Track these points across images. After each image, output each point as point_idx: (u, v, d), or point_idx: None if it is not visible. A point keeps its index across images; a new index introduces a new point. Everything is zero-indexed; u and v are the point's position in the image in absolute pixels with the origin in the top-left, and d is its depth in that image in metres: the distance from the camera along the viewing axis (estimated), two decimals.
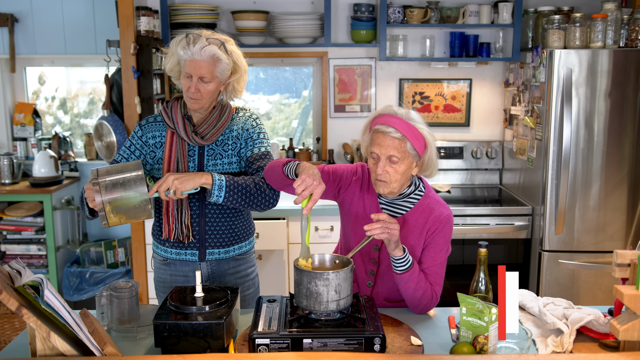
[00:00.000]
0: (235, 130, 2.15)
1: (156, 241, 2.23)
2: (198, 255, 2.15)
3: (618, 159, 3.20)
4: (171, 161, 2.08)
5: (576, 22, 3.16)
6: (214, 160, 2.12)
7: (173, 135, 2.10)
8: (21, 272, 1.60)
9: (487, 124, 4.00)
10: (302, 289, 1.69)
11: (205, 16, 3.65)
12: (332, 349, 1.61)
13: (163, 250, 2.20)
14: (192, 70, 1.99)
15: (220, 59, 1.99)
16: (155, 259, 2.27)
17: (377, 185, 1.92)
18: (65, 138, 4.13)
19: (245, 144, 2.14)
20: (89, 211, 1.98)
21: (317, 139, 4.02)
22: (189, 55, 1.98)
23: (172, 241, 2.15)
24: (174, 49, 2.04)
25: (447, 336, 1.80)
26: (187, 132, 2.07)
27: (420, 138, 1.86)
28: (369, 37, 3.73)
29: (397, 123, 1.84)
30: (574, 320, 1.75)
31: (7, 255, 3.84)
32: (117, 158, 2.15)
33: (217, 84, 2.04)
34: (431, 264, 1.95)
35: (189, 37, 2.00)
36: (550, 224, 3.23)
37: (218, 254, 2.16)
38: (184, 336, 1.62)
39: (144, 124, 2.16)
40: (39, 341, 1.49)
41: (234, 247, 2.19)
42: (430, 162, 1.92)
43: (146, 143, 2.13)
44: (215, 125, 2.10)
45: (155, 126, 2.15)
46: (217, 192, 1.97)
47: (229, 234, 2.16)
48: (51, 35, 3.97)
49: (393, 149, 1.85)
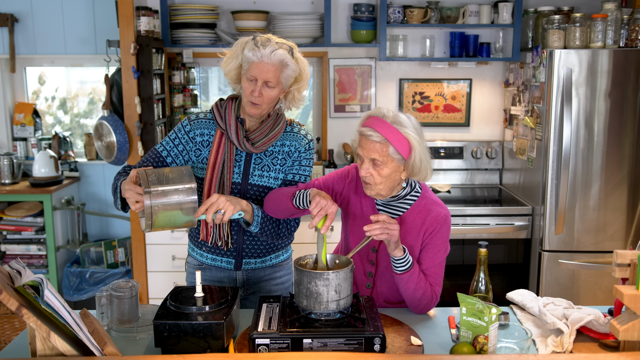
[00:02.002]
0: (287, 145, 2.08)
1: (192, 244, 2.18)
2: (234, 264, 2.10)
3: (618, 159, 3.20)
4: (217, 162, 2.00)
5: (576, 22, 3.16)
6: (260, 171, 2.05)
7: (222, 136, 2.02)
8: (21, 272, 1.60)
9: (487, 124, 4.00)
10: (302, 289, 1.69)
11: (205, 16, 3.65)
12: (332, 349, 1.61)
13: (199, 254, 2.15)
14: (259, 74, 1.90)
15: (288, 65, 1.92)
16: (190, 263, 2.21)
17: (365, 187, 1.93)
18: (65, 138, 4.13)
19: (292, 164, 2.08)
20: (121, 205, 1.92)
21: (317, 139, 4.02)
22: (258, 57, 1.89)
23: (209, 245, 2.09)
24: (238, 51, 1.95)
25: (447, 336, 1.80)
26: (239, 136, 1.99)
27: (404, 142, 1.84)
28: (369, 37, 3.72)
29: (380, 126, 1.83)
30: (574, 320, 1.75)
31: (7, 255, 3.84)
32: (159, 149, 2.04)
33: (279, 90, 1.96)
34: (430, 265, 1.95)
35: (256, 39, 1.91)
36: (550, 224, 3.23)
37: (254, 264, 2.12)
38: (184, 336, 1.62)
39: (194, 120, 2.06)
40: (39, 341, 1.49)
41: (270, 257, 2.15)
42: (419, 166, 1.88)
43: (193, 139, 2.04)
44: (267, 134, 2.02)
45: (205, 123, 2.06)
46: (256, 222, 1.95)
47: (267, 245, 2.11)
48: (51, 35, 3.97)
49: (374, 152, 1.85)
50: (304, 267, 1.78)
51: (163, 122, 3.62)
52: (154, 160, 2.03)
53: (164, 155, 2.04)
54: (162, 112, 3.62)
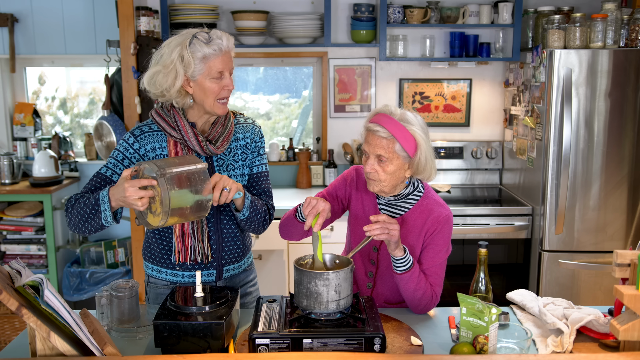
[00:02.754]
0: (242, 138, 2.01)
1: (158, 265, 2.02)
2: (215, 275, 2.01)
3: (618, 159, 3.20)
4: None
5: (576, 22, 3.16)
6: (226, 171, 1.97)
7: (176, 145, 1.90)
8: (21, 272, 1.60)
9: (487, 124, 4.00)
10: (302, 289, 1.69)
11: (205, 16, 3.65)
12: (332, 349, 1.61)
13: (171, 275, 2.00)
14: (225, 65, 1.82)
15: (234, 48, 1.89)
16: (157, 285, 2.03)
17: (368, 182, 1.94)
18: (65, 138, 4.13)
19: (253, 157, 2.03)
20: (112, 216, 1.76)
21: (317, 139, 4.02)
22: (218, 50, 1.80)
23: (187, 263, 1.97)
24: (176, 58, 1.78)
25: (447, 336, 1.80)
26: (201, 143, 1.88)
27: (410, 139, 1.85)
28: (369, 37, 3.72)
29: (387, 123, 1.85)
30: (574, 320, 1.75)
31: (7, 255, 3.84)
32: (105, 172, 1.89)
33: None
34: (431, 265, 1.95)
35: (201, 35, 1.80)
36: (550, 224, 3.23)
37: (233, 270, 2.06)
38: (184, 336, 1.62)
39: (139, 135, 1.91)
40: (39, 341, 1.49)
41: (244, 260, 2.11)
42: (424, 164, 1.90)
43: (145, 156, 1.91)
44: (223, 132, 1.94)
45: (153, 137, 1.92)
46: (247, 205, 1.89)
47: (242, 246, 2.06)
48: (51, 35, 3.97)
49: (381, 148, 1.86)
50: (303, 267, 1.78)
51: None
52: (101, 185, 1.88)
53: (114, 178, 1.89)
54: None
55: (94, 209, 1.77)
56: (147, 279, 2.08)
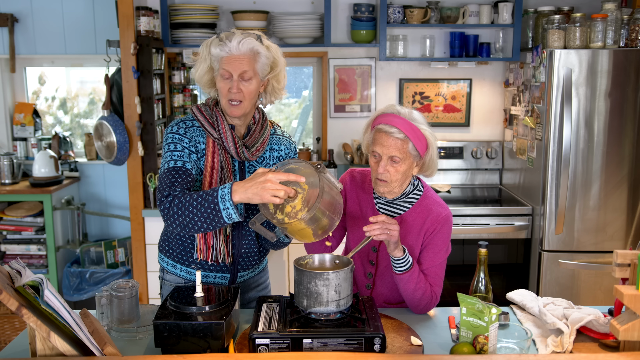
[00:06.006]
0: (276, 150, 2.00)
1: (173, 260, 2.01)
2: (229, 279, 2.00)
3: (618, 159, 3.20)
4: (214, 175, 1.86)
5: (576, 22, 3.16)
6: None
7: (214, 145, 1.88)
8: (21, 272, 1.60)
9: (487, 124, 4.00)
10: (302, 289, 1.69)
11: (205, 16, 3.65)
12: (332, 349, 1.61)
13: (186, 272, 2.00)
14: (232, 68, 1.80)
15: (259, 52, 1.82)
16: (170, 281, 2.03)
17: (378, 184, 1.92)
18: (65, 138, 4.13)
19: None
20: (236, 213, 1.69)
21: (317, 139, 4.02)
22: (227, 51, 1.80)
23: (202, 262, 1.96)
24: (205, 52, 1.85)
25: (447, 336, 1.80)
26: (237, 147, 1.86)
27: (422, 139, 1.86)
28: (369, 37, 3.72)
29: (400, 123, 1.84)
30: (574, 320, 1.75)
31: (7, 255, 3.84)
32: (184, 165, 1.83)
33: (257, 82, 1.85)
34: (430, 265, 1.95)
35: (220, 35, 1.83)
36: (550, 224, 3.23)
37: (246, 275, 2.05)
38: (184, 336, 1.61)
39: (185, 128, 1.88)
40: (39, 341, 1.49)
41: (259, 265, 2.11)
42: (431, 162, 1.92)
43: (196, 147, 1.87)
44: (259, 139, 1.92)
45: (196, 131, 1.89)
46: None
47: (259, 253, 2.05)
48: (51, 35, 3.97)
49: (395, 149, 1.84)
50: (303, 267, 1.78)
51: (163, 122, 3.62)
52: (185, 177, 1.82)
53: (189, 167, 1.84)
54: (162, 112, 3.62)
55: (211, 207, 1.69)
56: (162, 275, 2.07)
